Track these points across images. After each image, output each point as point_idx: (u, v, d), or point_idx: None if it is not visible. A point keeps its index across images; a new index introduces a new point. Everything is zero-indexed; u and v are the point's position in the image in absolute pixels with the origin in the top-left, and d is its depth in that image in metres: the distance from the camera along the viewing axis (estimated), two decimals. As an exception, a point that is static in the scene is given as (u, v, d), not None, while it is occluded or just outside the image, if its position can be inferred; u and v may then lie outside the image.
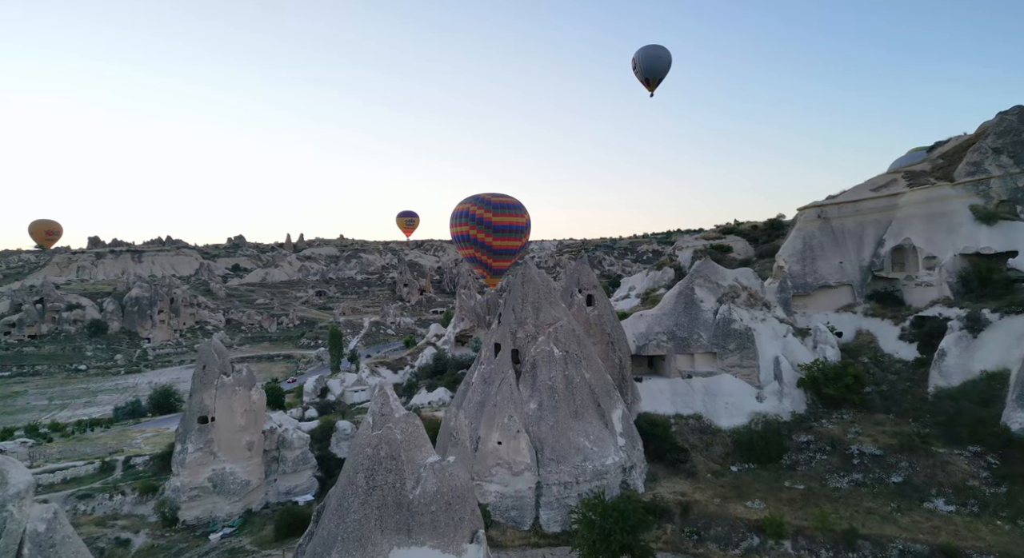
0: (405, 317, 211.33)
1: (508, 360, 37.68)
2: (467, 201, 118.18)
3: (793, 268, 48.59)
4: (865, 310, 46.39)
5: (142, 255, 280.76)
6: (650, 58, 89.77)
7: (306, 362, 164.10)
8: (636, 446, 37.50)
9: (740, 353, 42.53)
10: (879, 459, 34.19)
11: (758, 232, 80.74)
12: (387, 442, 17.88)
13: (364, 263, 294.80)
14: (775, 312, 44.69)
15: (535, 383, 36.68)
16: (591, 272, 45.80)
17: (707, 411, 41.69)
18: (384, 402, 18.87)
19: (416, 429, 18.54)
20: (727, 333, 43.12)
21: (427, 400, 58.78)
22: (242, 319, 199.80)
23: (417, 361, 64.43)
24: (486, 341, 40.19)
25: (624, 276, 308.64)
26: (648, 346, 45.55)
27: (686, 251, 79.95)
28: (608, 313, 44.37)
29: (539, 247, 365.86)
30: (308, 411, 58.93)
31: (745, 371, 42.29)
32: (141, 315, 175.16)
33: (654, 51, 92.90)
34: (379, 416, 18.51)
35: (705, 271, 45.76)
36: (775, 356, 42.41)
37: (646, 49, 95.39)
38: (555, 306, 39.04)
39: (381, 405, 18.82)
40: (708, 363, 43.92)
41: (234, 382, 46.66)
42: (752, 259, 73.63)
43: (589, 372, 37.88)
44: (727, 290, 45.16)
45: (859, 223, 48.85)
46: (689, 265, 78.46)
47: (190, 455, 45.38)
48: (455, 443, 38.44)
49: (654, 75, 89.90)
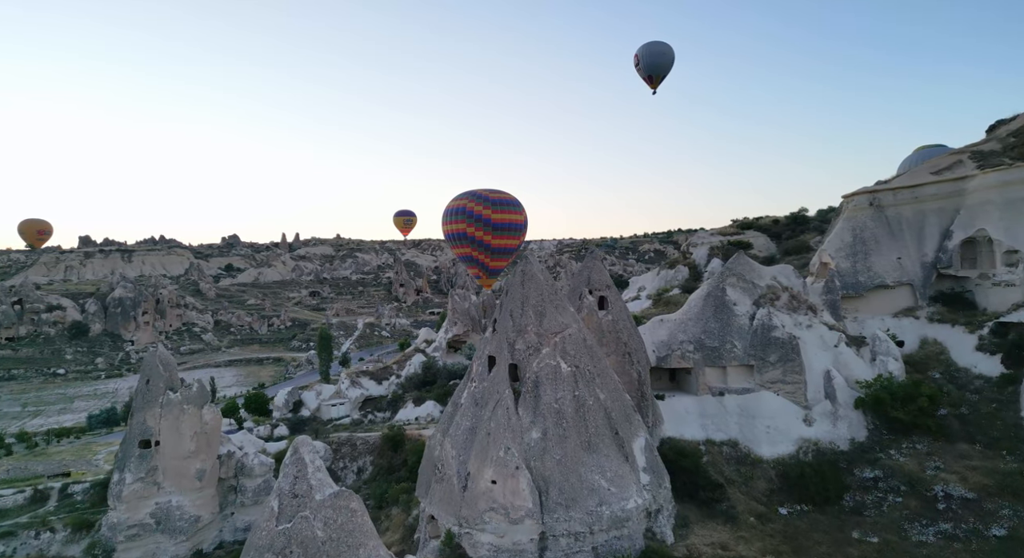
0: (401, 318, 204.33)
1: (505, 377, 30.60)
2: (463, 197, 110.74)
3: (841, 265, 41.59)
4: (930, 315, 39.41)
5: (132, 255, 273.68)
6: (653, 55, 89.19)
7: (296, 366, 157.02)
8: (663, 483, 30.44)
9: (783, 366, 35.49)
10: (972, 504, 27.18)
11: (780, 227, 73.80)
12: (300, 543, 10.78)
13: (360, 263, 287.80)
14: (822, 317, 37.63)
15: (538, 406, 29.61)
16: (603, 270, 38.73)
17: (744, 436, 34.65)
18: (300, 472, 11.74)
19: (351, 518, 11.44)
20: (766, 342, 36.08)
21: (414, 415, 51.84)
22: (231, 320, 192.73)
23: (404, 370, 57.23)
24: (478, 353, 33.10)
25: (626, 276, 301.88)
26: (671, 357, 38.50)
27: (701, 248, 72.96)
28: (624, 318, 37.32)
29: (539, 246, 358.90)
30: (278, 429, 51.91)
31: (789, 388, 35.25)
32: (124, 316, 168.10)
33: (657, 48, 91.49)
34: (290, 497, 11.40)
35: (738, 269, 38.72)
36: (825, 370, 35.38)
37: (649, 45, 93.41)
38: (562, 310, 31.97)
39: (294, 479, 11.68)
40: (743, 378, 36.87)
41: (182, 399, 39.59)
42: (775, 256, 66.61)
43: (604, 392, 30.82)
44: (764, 291, 38.13)
45: (919, 212, 41.87)
46: (705, 263, 71.50)
47: (128, 486, 38.33)
48: (440, 479, 31.38)
49: (657, 72, 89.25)
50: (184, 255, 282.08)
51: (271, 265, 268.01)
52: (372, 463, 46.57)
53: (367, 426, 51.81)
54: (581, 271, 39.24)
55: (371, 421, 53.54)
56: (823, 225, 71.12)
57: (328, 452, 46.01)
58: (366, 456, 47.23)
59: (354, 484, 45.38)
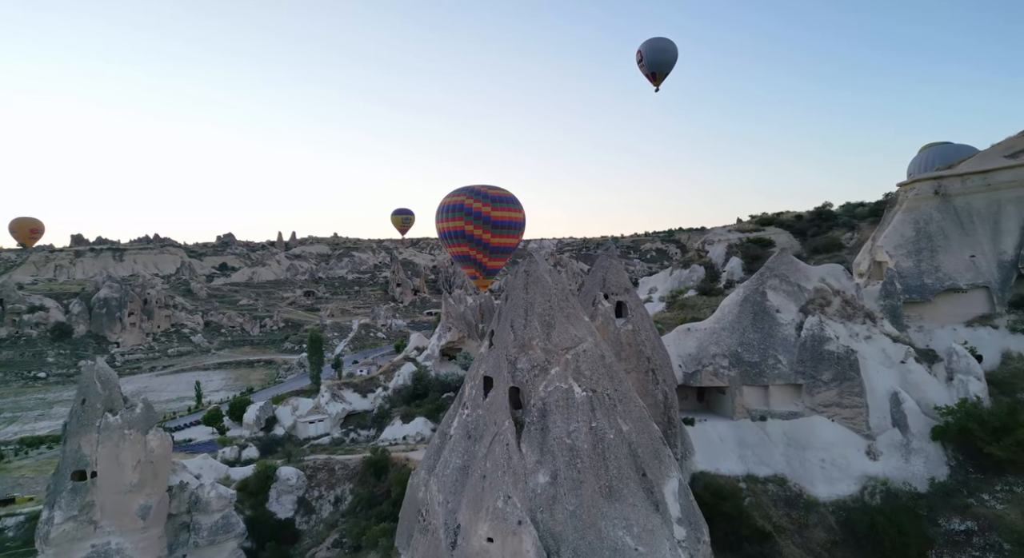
0: (397, 319, 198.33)
1: (504, 404, 24.56)
2: (460, 193, 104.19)
3: (902, 264, 35.56)
4: (1011, 323, 33.46)
5: (124, 253, 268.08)
6: (657, 51, 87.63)
7: (287, 369, 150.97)
8: (701, 537, 24.40)
9: (838, 386, 29.49)
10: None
11: (804, 223, 67.75)
12: None
13: (356, 262, 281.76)
14: (883, 326, 31.58)
15: (546, 441, 23.57)
16: (621, 269, 32.70)
17: (793, 472, 28.64)
18: None
19: None
20: (818, 357, 30.07)
21: (401, 434, 45.79)
22: (222, 321, 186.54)
23: (392, 382, 51.00)
24: (471, 372, 27.05)
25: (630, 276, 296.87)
26: (701, 374, 32.49)
27: (718, 246, 66.97)
28: (646, 327, 31.29)
29: (538, 245, 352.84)
30: (247, 450, 45.69)
31: (847, 413, 29.25)
32: (110, 317, 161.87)
33: (661, 44, 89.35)
34: None
35: (781, 268, 32.68)
36: (891, 392, 29.37)
37: (652, 42, 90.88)
38: (575, 320, 25.92)
39: None
40: (789, 399, 30.86)
41: (123, 423, 33.52)
42: (802, 255, 60.52)
43: (628, 422, 24.77)
44: (812, 295, 32.12)
45: (993, 201, 35.94)
46: (723, 262, 65.54)
47: (58, 526, 32.28)
48: (424, 529, 25.37)
49: (660, 69, 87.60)
50: (177, 254, 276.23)
51: (266, 264, 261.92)
52: (352, 491, 40.57)
53: (348, 446, 45.83)
54: (595, 272, 33.20)
55: (353, 440, 47.52)
56: (852, 220, 65.21)
57: (301, 479, 39.97)
58: (345, 483, 41.21)
59: (330, 517, 39.38)
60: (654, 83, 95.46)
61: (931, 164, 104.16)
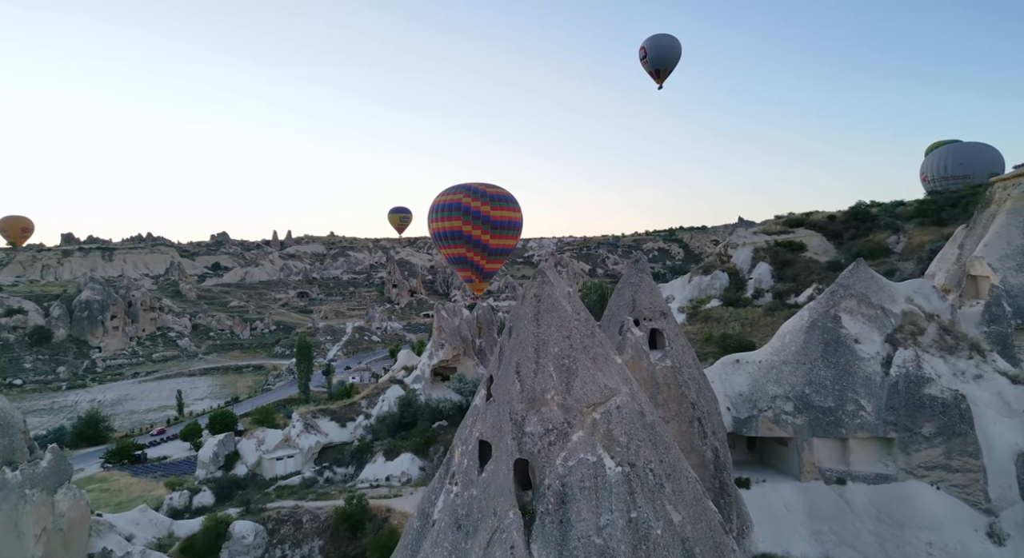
0: (393, 322, 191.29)
1: (508, 485, 17.52)
2: (457, 191, 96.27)
3: (1011, 281, 28.61)
4: None
5: (113, 253, 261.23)
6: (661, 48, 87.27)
7: (276, 375, 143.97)
8: None
9: (946, 443, 22.52)
10: None
11: (838, 224, 60.65)
12: None
13: (352, 262, 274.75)
14: (994, 362, 24.57)
15: (566, 541, 16.53)
16: (655, 287, 25.64)
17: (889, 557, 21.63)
18: None
19: None
20: (915, 403, 23.09)
21: (384, 474, 38.71)
22: (211, 324, 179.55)
23: (375, 408, 43.61)
24: (462, 434, 20.02)
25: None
26: (757, 420, 25.50)
27: (743, 250, 59.91)
28: (689, 363, 24.28)
29: (538, 244, 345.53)
30: (200, 495, 38.33)
31: (958, 479, 22.28)
32: (92, 321, 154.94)
33: (665, 41, 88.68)
34: None
35: (860, 286, 25.67)
36: (1017, 451, 22.40)
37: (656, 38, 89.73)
38: (606, 364, 18.89)
39: None
40: (877, 457, 23.89)
41: (24, 481, 26.50)
42: (840, 262, 53.37)
43: (681, 508, 17.77)
44: (901, 320, 25.11)
45: None
46: (749, 268, 58.43)
47: (-64, 616, 25.34)
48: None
49: (664, 66, 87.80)
50: (169, 253, 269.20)
51: (259, 264, 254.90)
52: (321, 550, 33.56)
53: (322, 488, 38.89)
54: (621, 290, 26.11)
55: (328, 480, 40.52)
56: (895, 221, 58.19)
57: (261, 535, 32.95)
58: (314, 538, 34.22)
59: (294, 584, 32.37)
60: (657, 81, 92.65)
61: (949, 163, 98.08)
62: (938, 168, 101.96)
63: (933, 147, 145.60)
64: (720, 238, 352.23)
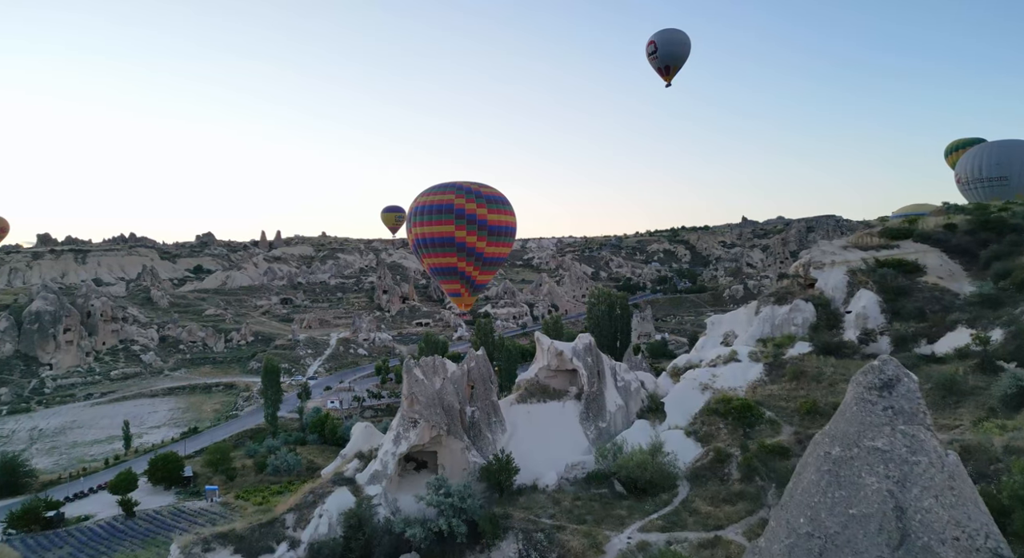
0: (382, 332, 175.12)
1: None
2: (447, 190, 78.76)
3: None
4: None
5: (87, 255, 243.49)
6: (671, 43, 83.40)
7: (246, 397, 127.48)
8: None
9: None
10: None
11: (961, 236, 44.76)
12: None
13: (341, 265, 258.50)
14: None
15: None
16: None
17: None
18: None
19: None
20: None
21: None
22: (181, 336, 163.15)
23: (306, 531, 26.89)
24: None
25: (637, 279, 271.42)
26: None
27: (833, 271, 44.05)
28: None
29: (537, 245, 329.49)
30: None
31: None
32: (42, 334, 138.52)
33: (675, 36, 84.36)
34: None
35: None
36: None
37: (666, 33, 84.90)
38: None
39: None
40: None
41: None
42: (991, 294, 37.33)
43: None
44: None
45: None
46: (844, 297, 42.46)
47: None
48: None
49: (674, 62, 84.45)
50: (147, 255, 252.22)
51: (241, 268, 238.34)
52: None
53: None
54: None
55: None
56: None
57: None
58: None
59: None
60: (665, 78, 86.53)
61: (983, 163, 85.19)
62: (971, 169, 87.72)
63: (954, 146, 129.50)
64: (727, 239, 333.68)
